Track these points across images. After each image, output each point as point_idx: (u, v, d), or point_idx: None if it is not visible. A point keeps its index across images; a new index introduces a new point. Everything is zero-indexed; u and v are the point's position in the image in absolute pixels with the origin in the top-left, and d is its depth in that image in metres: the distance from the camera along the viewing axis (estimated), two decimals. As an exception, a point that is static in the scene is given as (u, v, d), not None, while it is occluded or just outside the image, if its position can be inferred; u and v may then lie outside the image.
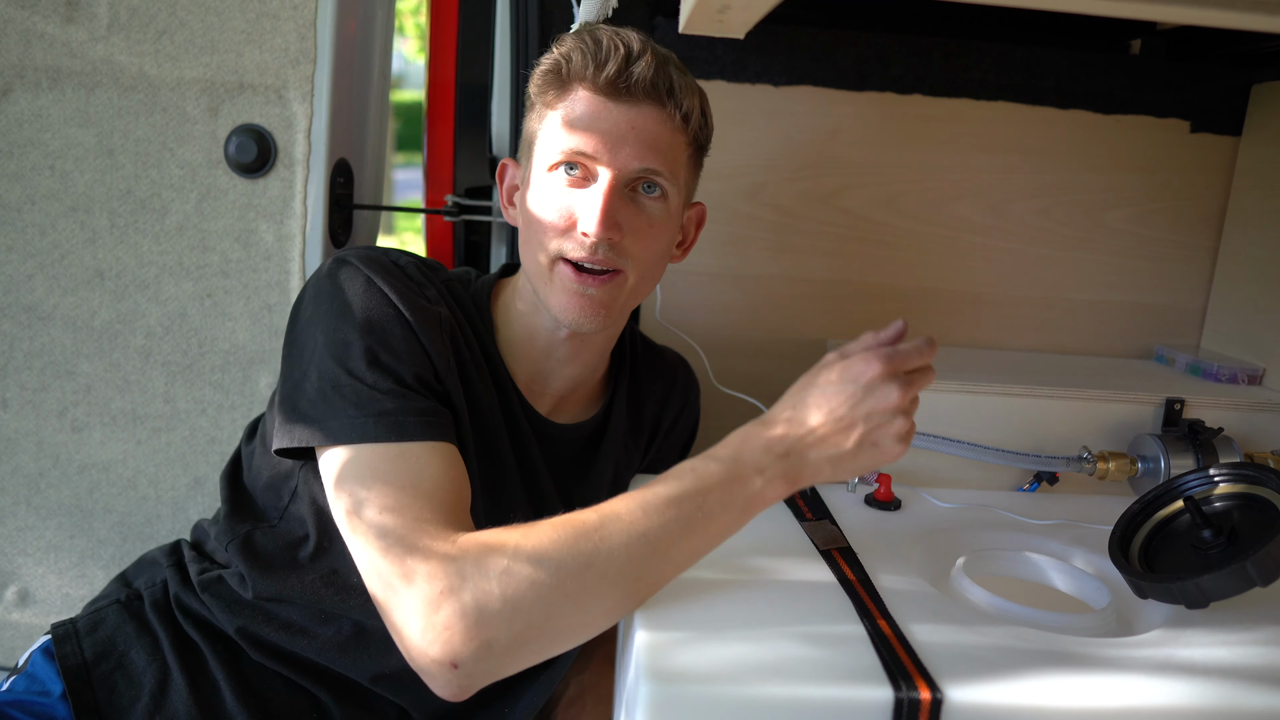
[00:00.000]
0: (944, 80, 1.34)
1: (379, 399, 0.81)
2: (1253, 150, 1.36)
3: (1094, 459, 1.13)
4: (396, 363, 0.84)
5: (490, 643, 0.70)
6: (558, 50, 0.91)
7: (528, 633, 0.71)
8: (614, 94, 0.88)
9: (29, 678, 0.90)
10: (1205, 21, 0.64)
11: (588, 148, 0.88)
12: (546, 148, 0.91)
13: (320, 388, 0.83)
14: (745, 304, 1.39)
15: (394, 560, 0.73)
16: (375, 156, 1.47)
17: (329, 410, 0.82)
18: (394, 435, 0.80)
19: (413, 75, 3.65)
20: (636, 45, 0.89)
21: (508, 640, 0.71)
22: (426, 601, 0.71)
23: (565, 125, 0.89)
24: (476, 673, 0.72)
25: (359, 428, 0.80)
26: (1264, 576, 0.76)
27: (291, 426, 0.84)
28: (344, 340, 0.84)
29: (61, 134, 1.19)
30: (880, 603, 0.79)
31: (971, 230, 1.39)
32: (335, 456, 0.81)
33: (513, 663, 0.73)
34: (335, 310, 0.86)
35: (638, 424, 1.11)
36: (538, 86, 0.92)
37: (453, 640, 0.70)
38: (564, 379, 1.02)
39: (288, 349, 0.90)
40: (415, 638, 0.71)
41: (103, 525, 1.27)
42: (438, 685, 0.73)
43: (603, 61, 0.87)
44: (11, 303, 1.21)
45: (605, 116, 0.88)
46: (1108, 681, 0.69)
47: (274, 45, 1.18)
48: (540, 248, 0.92)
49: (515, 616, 0.70)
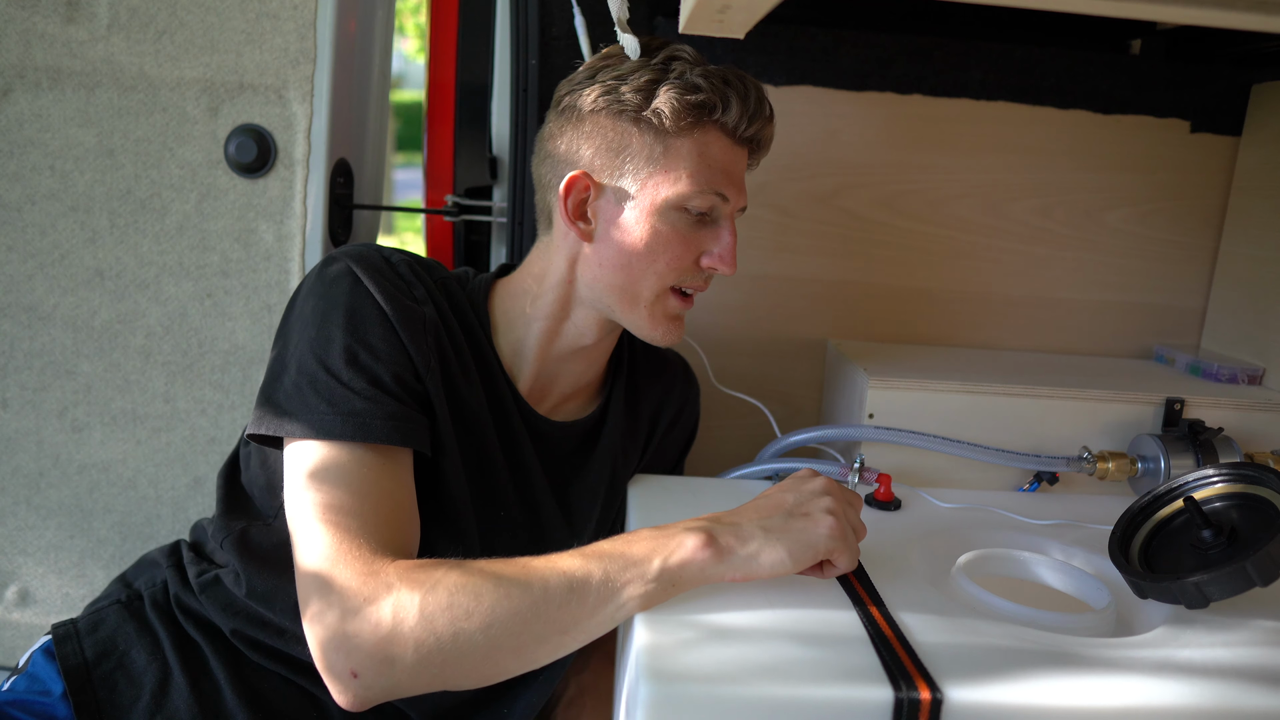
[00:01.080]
0: (944, 80, 1.34)
1: (351, 398, 0.82)
2: (1253, 150, 1.36)
3: (1094, 459, 1.13)
4: (375, 363, 0.85)
5: (394, 660, 0.72)
6: (704, 83, 0.91)
7: (433, 658, 0.72)
8: (741, 142, 0.96)
9: (30, 677, 0.90)
10: (1205, 21, 0.64)
11: (726, 191, 0.94)
12: (679, 182, 0.92)
13: (297, 381, 0.84)
14: (745, 304, 1.39)
15: (325, 561, 0.75)
16: (375, 156, 1.47)
17: (301, 404, 0.83)
18: (359, 435, 0.81)
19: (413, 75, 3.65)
20: (770, 107, 0.97)
21: (413, 661, 0.72)
22: (344, 607, 0.72)
23: (705, 165, 0.93)
24: (375, 686, 0.73)
25: (325, 424, 0.81)
26: (1264, 576, 0.76)
27: (264, 415, 0.85)
28: (326, 337, 0.85)
29: (61, 134, 1.19)
30: (880, 603, 0.79)
31: (971, 230, 1.39)
32: (299, 450, 0.82)
33: (411, 683, 0.74)
34: (321, 307, 0.87)
35: (635, 422, 1.11)
36: (673, 110, 0.90)
37: (360, 649, 0.72)
38: (570, 380, 1.03)
39: (276, 342, 0.91)
40: (325, 637, 0.73)
41: (103, 525, 1.27)
42: (335, 690, 0.74)
43: (753, 119, 0.94)
44: (11, 303, 1.21)
45: (733, 160, 0.96)
46: (1108, 681, 0.69)
47: (274, 45, 1.18)
48: (657, 279, 0.94)
49: (425, 639, 0.71)
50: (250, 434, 0.87)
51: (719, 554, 0.75)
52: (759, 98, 0.96)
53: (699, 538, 0.74)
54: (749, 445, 1.30)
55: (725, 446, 1.37)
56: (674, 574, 0.74)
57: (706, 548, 0.74)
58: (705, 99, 0.91)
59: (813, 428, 1.19)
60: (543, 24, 1.27)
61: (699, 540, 0.74)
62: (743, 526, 0.77)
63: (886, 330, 1.42)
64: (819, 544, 0.76)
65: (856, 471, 1.10)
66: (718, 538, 0.75)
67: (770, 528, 0.76)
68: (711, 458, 1.34)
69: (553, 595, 0.72)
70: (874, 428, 1.14)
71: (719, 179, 0.93)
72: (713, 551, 0.74)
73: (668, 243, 0.93)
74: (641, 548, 0.75)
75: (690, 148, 0.92)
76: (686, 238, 0.94)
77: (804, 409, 1.42)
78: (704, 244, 0.95)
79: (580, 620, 0.73)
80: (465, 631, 0.71)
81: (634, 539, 0.76)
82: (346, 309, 0.86)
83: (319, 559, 0.76)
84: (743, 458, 1.24)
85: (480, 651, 0.72)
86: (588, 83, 0.94)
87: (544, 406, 1.01)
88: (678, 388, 1.17)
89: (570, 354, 1.00)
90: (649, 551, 0.74)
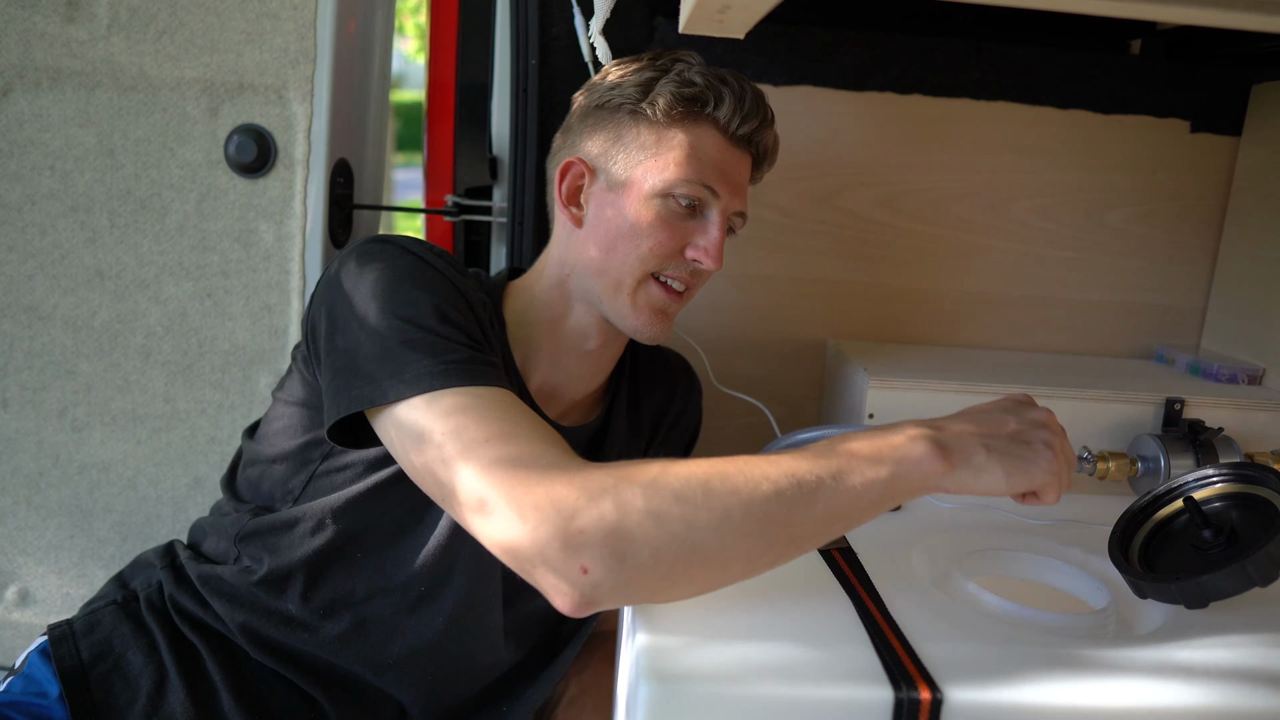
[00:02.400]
0: (944, 80, 1.34)
1: (455, 348, 0.77)
2: (1253, 150, 1.36)
3: (1094, 459, 1.13)
4: (465, 319, 0.81)
5: (627, 555, 0.64)
6: (700, 82, 0.94)
7: (665, 554, 0.65)
8: (737, 142, 0.97)
9: (26, 679, 0.90)
10: (1205, 21, 0.64)
11: (715, 185, 0.94)
12: (669, 174, 0.93)
13: (385, 346, 0.77)
14: (745, 304, 1.39)
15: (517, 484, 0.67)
16: (375, 156, 1.47)
17: (400, 364, 0.75)
18: (476, 380, 0.75)
19: (413, 75, 3.65)
20: (769, 112, 0.99)
21: (647, 558, 0.65)
22: (560, 511, 0.65)
23: (695, 158, 0.94)
24: (605, 584, 0.65)
25: (440, 374, 0.74)
26: (1263, 576, 0.76)
27: (351, 392, 0.77)
28: (408, 298, 0.80)
29: (61, 134, 1.19)
30: (880, 603, 0.79)
31: (971, 230, 1.39)
32: (410, 409, 0.74)
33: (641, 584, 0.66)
34: (387, 279, 0.81)
35: (636, 424, 1.12)
36: (667, 101, 0.93)
37: (589, 543, 0.64)
38: (577, 384, 1.03)
39: (330, 329, 0.82)
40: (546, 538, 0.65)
41: (103, 525, 1.27)
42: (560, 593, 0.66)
43: (746, 117, 0.95)
44: (11, 303, 1.21)
45: (729, 159, 0.96)
46: (1107, 681, 0.69)
47: (274, 45, 1.18)
48: (637, 263, 0.94)
49: (656, 535, 0.65)
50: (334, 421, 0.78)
51: (947, 465, 0.71)
52: (755, 98, 0.97)
53: (929, 446, 0.71)
54: (749, 445, 1.30)
55: (725, 446, 1.37)
56: (903, 480, 0.70)
57: (937, 458, 0.71)
58: (698, 93, 0.94)
59: (813, 428, 1.18)
60: (543, 24, 1.27)
61: (929, 449, 0.71)
62: (966, 440, 0.73)
63: (886, 330, 1.42)
64: (1036, 475, 0.73)
65: (856, 471, 1.09)
66: (947, 446, 0.72)
67: (993, 447, 0.73)
68: (711, 457, 1.34)
69: (784, 497, 0.67)
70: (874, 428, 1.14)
71: (708, 172, 0.94)
72: (943, 462, 0.71)
73: (652, 228, 0.93)
74: (869, 451, 0.70)
75: (682, 139, 0.94)
76: (672, 226, 0.94)
77: (804, 409, 1.42)
78: (690, 235, 0.95)
79: (808, 526, 0.69)
80: (698, 528, 0.66)
81: (859, 441, 0.72)
82: (419, 276, 0.82)
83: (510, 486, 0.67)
84: (743, 458, 1.24)
85: (712, 553, 0.66)
86: (595, 84, 0.99)
87: (552, 411, 1.02)
88: (680, 390, 1.17)
89: (575, 357, 1.00)
90: (877, 455, 0.70)
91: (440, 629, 0.93)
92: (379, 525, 0.91)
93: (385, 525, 0.91)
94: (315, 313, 0.87)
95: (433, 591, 0.92)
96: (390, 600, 0.92)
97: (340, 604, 0.91)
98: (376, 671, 0.92)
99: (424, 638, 0.93)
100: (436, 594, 0.92)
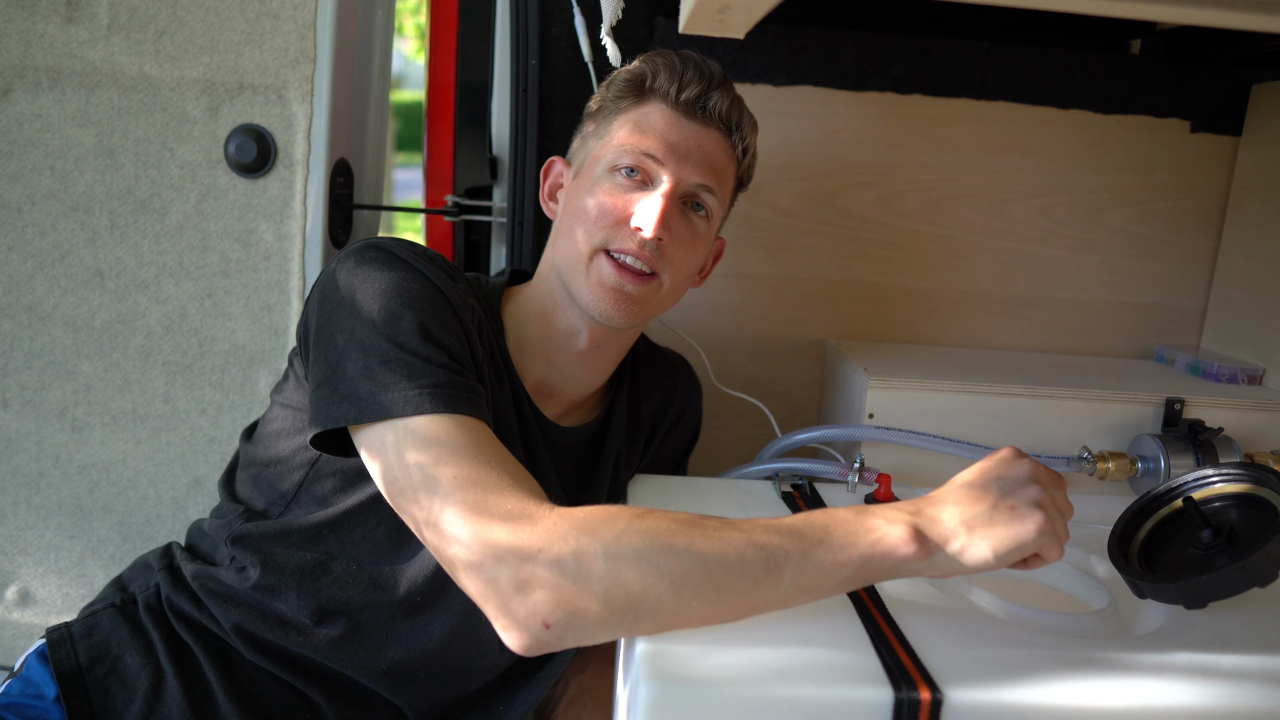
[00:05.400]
0: (944, 80, 1.34)
1: (433, 371, 0.78)
2: (1253, 150, 1.36)
3: (1094, 459, 1.13)
4: (448, 338, 0.82)
5: (577, 610, 0.67)
6: (641, 63, 0.96)
7: (618, 610, 0.67)
8: (689, 113, 0.95)
9: (24, 681, 0.90)
10: (1205, 21, 0.64)
11: (656, 153, 0.93)
12: (612, 148, 0.95)
13: (365, 364, 0.78)
14: (745, 304, 1.39)
15: (482, 526, 0.69)
16: (375, 156, 1.47)
17: (377, 385, 0.77)
18: (451, 408, 0.76)
19: (413, 75, 3.65)
20: (718, 75, 0.96)
21: (600, 613, 0.67)
22: (520, 558, 0.67)
23: (637, 131, 0.94)
24: (555, 631, 0.68)
25: (413, 400, 0.76)
26: (1262, 577, 0.76)
27: (331, 407, 0.79)
28: (392, 314, 0.81)
29: (61, 134, 1.19)
30: (880, 603, 0.79)
31: (971, 230, 1.39)
32: (385, 432, 0.76)
33: (601, 636, 0.69)
34: (377, 289, 0.82)
35: (635, 424, 1.11)
36: (615, 92, 0.97)
37: (542, 595, 0.66)
38: (574, 385, 1.02)
39: (318, 336, 0.84)
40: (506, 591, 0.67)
41: (103, 525, 1.27)
42: (516, 638, 0.69)
43: (686, 83, 0.94)
44: (11, 303, 1.21)
45: (677, 130, 0.94)
46: (1107, 681, 0.69)
47: (274, 45, 1.18)
48: (585, 237, 0.94)
49: (613, 590, 0.66)
50: (316, 434, 0.81)
51: (924, 552, 0.70)
52: (697, 66, 0.95)
53: (904, 531, 0.70)
54: (749, 445, 1.30)
55: (725, 446, 1.37)
56: (874, 566, 0.70)
57: (912, 543, 0.69)
58: (638, 71, 0.96)
59: (813, 428, 1.19)
60: (543, 24, 1.28)
61: (904, 534, 0.70)
62: (945, 521, 0.71)
63: (886, 330, 1.42)
64: (1027, 541, 0.71)
65: (856, 471, 1.10)
66: (924, 533, 0.70)
67: (974, 524, 0.71)
68: (712, 457, 1.34)
69: (749, 568, 0.68)
70: (874, 428, 1.14)
71: (651, 142, 0.93)
72: (918, 548, 0.70)
73: (599, 201, 0.94)
74: (843, 532, 0.70)
75: (629, 117, 0.96)
76: (615, 197, 0.93)
77: (804, 409, 1.42)
78: (634, 205, 0.93)
79: (771, 598, 0.69)
80: (652, 591, 0.67)
81: (833, 520, 0.71)
82: (408, 290, 0.83)
83: (472, 529, 0.69)
84: (743, 457, 1.24)
85: (668, 610, 0.67)
86: None
87: (550, 411, 1.01)
88: (680, 391, 1.17)
89: (568, 357, 1.00)
90: (850, 538, 0.70)
91: (438, 639, 0.92)
92: (373, 538, 0.91)
93: (379, 537, 0.91)
94: (307, 318, 0.88)
95: (430, 601, 0.91)
96: (386, 610, 0.91)
97: (334, 611, 0.91)
98: (371, 676, 0.92)
99: (421, 645, 0.92)
100: (434, 603, 0.91)
